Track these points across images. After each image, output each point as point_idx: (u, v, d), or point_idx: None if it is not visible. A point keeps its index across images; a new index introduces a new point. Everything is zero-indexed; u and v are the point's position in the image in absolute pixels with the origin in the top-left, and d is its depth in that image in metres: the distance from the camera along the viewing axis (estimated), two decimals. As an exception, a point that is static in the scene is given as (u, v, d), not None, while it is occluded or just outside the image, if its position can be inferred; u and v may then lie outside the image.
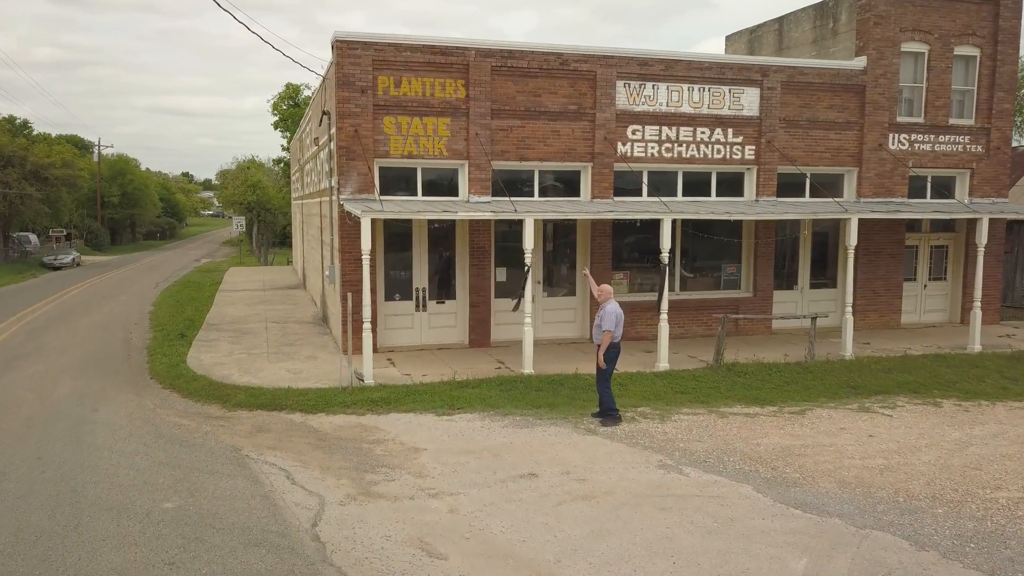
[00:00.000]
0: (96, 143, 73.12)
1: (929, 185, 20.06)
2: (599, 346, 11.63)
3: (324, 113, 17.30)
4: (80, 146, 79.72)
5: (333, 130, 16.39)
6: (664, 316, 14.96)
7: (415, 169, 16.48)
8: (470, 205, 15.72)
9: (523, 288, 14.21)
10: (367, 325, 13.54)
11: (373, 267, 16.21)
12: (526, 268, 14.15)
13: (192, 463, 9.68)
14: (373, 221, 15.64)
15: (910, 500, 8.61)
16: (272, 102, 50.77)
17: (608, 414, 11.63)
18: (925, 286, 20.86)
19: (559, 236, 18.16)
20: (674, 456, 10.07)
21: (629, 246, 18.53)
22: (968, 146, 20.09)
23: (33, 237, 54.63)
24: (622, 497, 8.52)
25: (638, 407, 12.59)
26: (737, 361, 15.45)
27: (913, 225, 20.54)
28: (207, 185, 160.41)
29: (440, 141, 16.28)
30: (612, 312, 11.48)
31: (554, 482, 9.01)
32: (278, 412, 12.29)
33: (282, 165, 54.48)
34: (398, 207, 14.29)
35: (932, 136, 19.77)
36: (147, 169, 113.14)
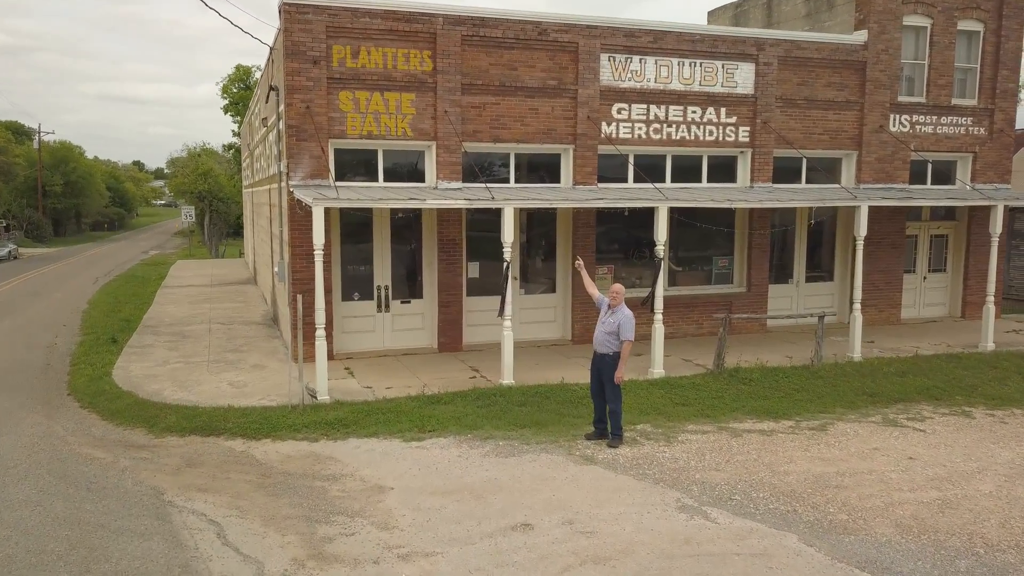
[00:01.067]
0: (37, 129, 69.09)
1: (930, 170, 18.71)
2: (605, 356, 9.95)
3: (272, 89, 15.26)
4: (20, 133, 75.61)
5: (282, 107, 14.36)
6: (659, 316, 13.29)
7: (375, 151, 14.55)
8: (439, 192, 13.86)
9: (504, 287, 12.42)
10: (320, 332, 11.64)
11: (328, 263, 14.27)
12: (505, 264, 12.36)
13: (98, 517, 7.72)
14: (328, 211, 13.74)
15: (992, 551, 7.04)
16: (222, 85, 48.01)
17: (617, 434, 10.00)
18: (925, 278, 19.55)
19: (535, 227, 16.38)
20: (693, 492, 8.39)
21: (611, 237, 16.83)
22: (971, 128, 18.77)
23: (-34, 229, 51.28)
24: (644, 558, 6.80)
25: (636, 424, 10.91)
26: (739, 366, 13.86)
27: (911, 213, 19.18)
28: (159, 174, 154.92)
29: (404, 119, 14.35)
30: (632, 318, 9.88)
31: (555, 536, 7.26)
32: (215, 438, 10.35)
33: (233, 151, 51.72)
34: (356, 194, 12.37)
35: (934, 117, 18.39)
36: (96, 157, 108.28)
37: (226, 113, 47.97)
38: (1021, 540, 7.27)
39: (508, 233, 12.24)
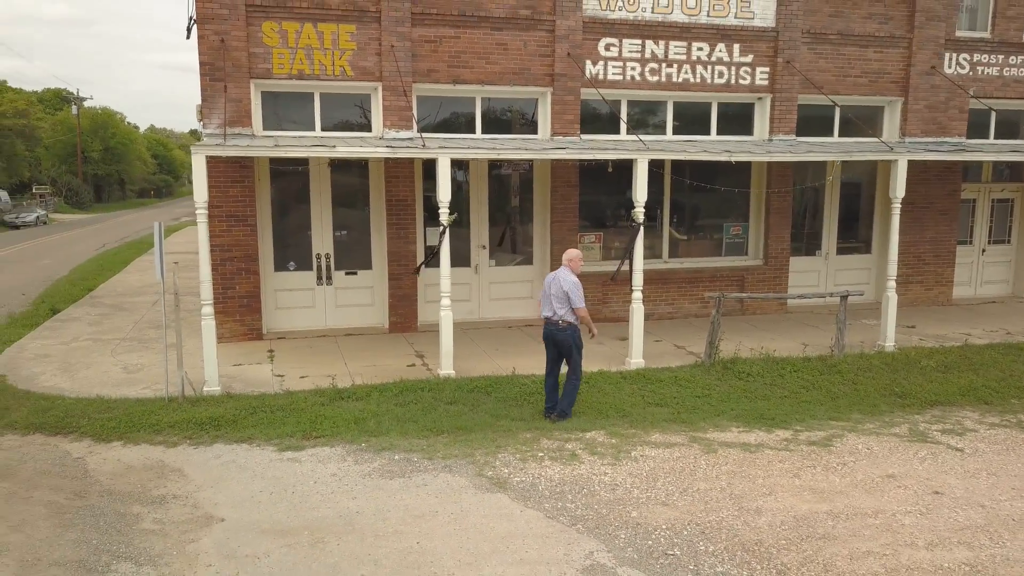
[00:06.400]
0: (75, 94, 68.77)
1: (993, 121, 15.66)
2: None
3: (191, 20, 13.13)
4: (63, 99, 75.63)
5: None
6: (638, 295, 10.86)
7: (311, 95, 12.35)
8: (366, 140, 11.61)
9: (435, 253, 10.18)
10: (207, 310, 9.61)
11: (256, 227, 12.22)
12: (442, 228, 10.08)
13: None
14: (253, 166, 11.73)
15: (1039, 671, 4.59)
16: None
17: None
18: (983, 251, 16.56)
19: (510, 187, 14.00)
20: (616, 542, 6.08)
21: (605, 201, 14.36)
22: (1045, 70, 15.61)
23: (3, 194, 51.04)
24: (487, 667, 4.56)
25: (587, 431, 8.62)
26: (738, 355, 11.38)
27: (970, 173, 16.19)
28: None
29: (342, 56, 12.10)
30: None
31: (382, 616, 5.08)
32: (60, 438, 8.42)
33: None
34: (247, 141, 10.21)
35: (1000, 57, 15.30)
36: (152, 126, 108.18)
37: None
38: (1087, 650, 4.80)
39: (444, 190, 9.93)
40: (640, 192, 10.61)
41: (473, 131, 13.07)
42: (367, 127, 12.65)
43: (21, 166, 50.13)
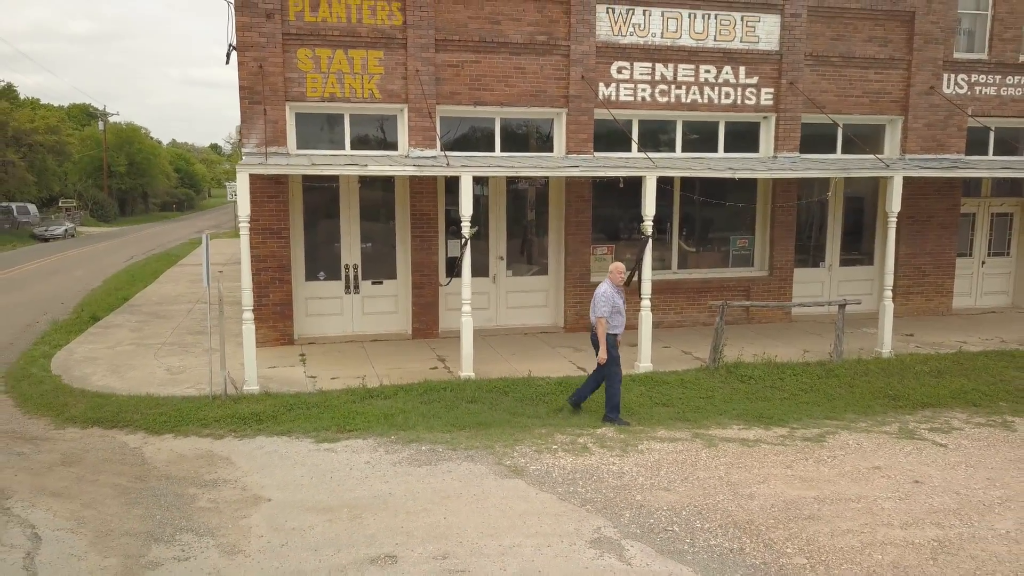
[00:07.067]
0: (102, 110, 70.51)
1: (992, 139, 16.29)
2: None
3: (231, 47, 14.07)
4: (89, 114, 77.50)
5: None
6: (646, 303, 11.60)
7: (341, 116, 13.21)
8: (394, 159, 12.44)
9: (458, 265, 10.97)
10: (248, 315, 10.43)
11: (289, 239, 13.07)
12: (463, 240, 10.87)
13: (-96, 526, 6.64)
14: (287, 183, 12.57)
15: (986, 624, 5.26)
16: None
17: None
18: (983, 263, 17.15)
19: (526, 202, 14.78)
20: (622, 520, 6.79)
21: (618, 215, 15.10)
22: (1042, 90, 16.24)
23: (32, 207, 52.44)
24: (508, 614, 5.29)
25: (598, 428, 9.34)
26: (741, 360, 12.06)
27: (970, 188, 16.81)
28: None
29: (371, 80, 12.96)
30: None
31: (416, 573, 5.81)
32: (116, 431, 9.25)
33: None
34: (285, 160, 11.06)
35: (998, 77, 15.95)
36: (174, 140, 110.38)
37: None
38: (1032, 608, 5.47)
39: (466, 205, 10.72)
40: (648, 207, 11.36)
41: (492, 148, 13.87)
42: (393, 145, 13.49)
43: (52, 181, 51.52)
